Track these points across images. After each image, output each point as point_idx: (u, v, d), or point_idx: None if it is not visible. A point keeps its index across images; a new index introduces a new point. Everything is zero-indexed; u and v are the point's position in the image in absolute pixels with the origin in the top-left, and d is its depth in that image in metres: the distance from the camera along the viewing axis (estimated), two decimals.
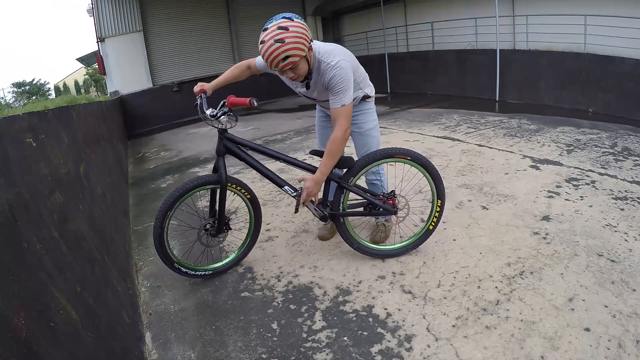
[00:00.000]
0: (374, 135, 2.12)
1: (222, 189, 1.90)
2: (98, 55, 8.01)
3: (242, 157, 1.92)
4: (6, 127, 1.14)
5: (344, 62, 1.70)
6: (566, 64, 5.86)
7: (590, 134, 4.17)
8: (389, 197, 2.01)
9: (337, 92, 1.71)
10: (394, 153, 1.92)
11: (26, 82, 28.05)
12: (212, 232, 1.99)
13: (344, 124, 1.74)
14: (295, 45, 1.55)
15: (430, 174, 1.98)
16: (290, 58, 1.57)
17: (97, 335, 1.16)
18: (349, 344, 1.55)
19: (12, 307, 0.77)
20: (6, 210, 0.92)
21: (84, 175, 1.97)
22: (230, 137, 1.90)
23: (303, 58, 1.62)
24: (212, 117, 1.82)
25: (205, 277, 2.07)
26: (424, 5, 8.49)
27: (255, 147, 1.92)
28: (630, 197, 2.59)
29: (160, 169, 4.56)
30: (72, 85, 26.68)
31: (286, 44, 1.53)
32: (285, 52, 1.54)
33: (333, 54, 1.73)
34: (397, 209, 2.03)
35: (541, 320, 1.57)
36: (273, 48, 1.54)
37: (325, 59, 1.71)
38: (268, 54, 1.56)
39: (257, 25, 10.61)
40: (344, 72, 1.69)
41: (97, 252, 1.57)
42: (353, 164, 1.91)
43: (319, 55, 1.72)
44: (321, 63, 1.72)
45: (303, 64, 1.64)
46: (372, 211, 2.03)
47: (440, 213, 2.06)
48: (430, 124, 5.22)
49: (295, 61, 1.59)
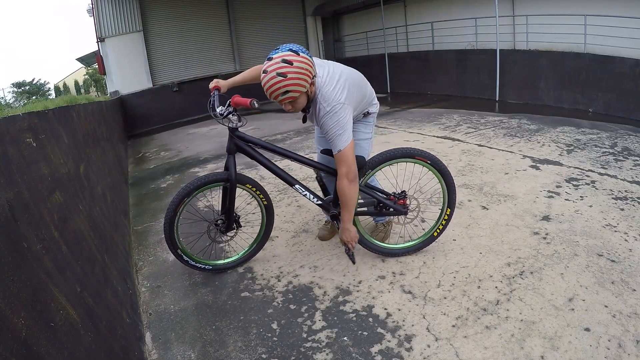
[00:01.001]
0: (365, 147, 2.04)
1: (231, 187, 1.92)
2: (98, 55, 8.00)
3: (252, 155, 1.93)
4: (6, 127, 1.14)
5: (338, 107, 1.65)
6: (566, 64, 5.86)
7: (590, 134, 4.17)
8: (399, 198, 2.01)
9: (332, 138, 1.68)
10: (414, 154, 1.90)
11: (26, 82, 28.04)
12: (222, 228, 2.02)
13: (342, 168, 1.70)
14: (297, 82, 1.53)
15: (446, 181, 1.97)
16: (290, 93, 1.55)
17: (97, 335, 1.16)
18: (349, 344, 1.55)
19: (12, 307, 0.77)
20: (6, 210, 0.92)
21: (84, 175, 1.97)
22: (240, 135, 1.91)
23: (303, 94, 1.60)
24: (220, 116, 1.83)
25: (204, 271, 2.08)
26: (424, 5, 8.49)
27: (265, 145, 1.91)
28: (630, 197, 2.59)
29: (160, 169, 4.56)
30: (72, 85, 26.68)
31: (288, 79, 1.51)
32: (286, 87, 1.53)
33: (331, 95, 1.66)
34: (407, 209, 2.02)
35: (541, 320, 1.57)
36: (274, 81, 1.52)
37: (322, 102, 1.66)
38: (269, 86, 1.54)
39: (257, 25, 10.57)
40: (336, 116, 1.64)
41: (97, 252, 1.57)
42: (364, 164, 1.90)
43: (319, 93, 1.68)
44: (319, 104, 1.68)
45: (302, 98, 1.62)
46: (383, 211, 2.03)
47: (447, 222, 2.06)
48: (430, 124, 5.22)
49: (295, 97, 1.57)
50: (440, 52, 7.99)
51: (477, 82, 7.27)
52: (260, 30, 9.59)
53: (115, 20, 7.70)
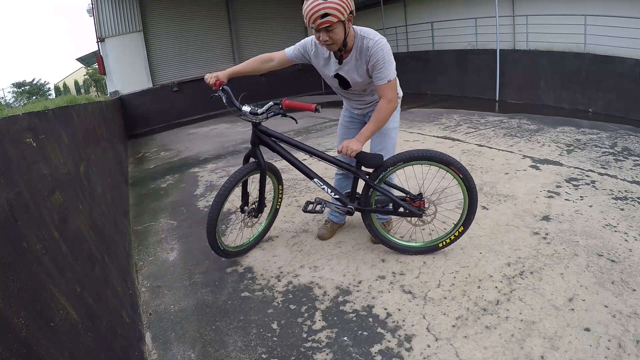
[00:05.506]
0: (392, 136, 2.08)
1: (262, 174, 2.11)
2: (98, 55, 8.00)
3: (274, 148, 2.02)
4: (6, 127, 1.14)
5: (384, 41, 1.78)
6: (566, 64, 5.86)
7: (590, 134, 4.17)
8: (415, 199, 2.00)
9: (381, 68, 1.76)
10: (450, 163, 1.86)
11: (26, 82, 28.09)
12: (254, 214, 2.22)
13: (389, 94, 1.79)
14: (336, 7, 1.61)
15: (470, 200, 1.94)
16: (328, 17, 1.61)
17: (97, 335, 1.16)
18: (349, 344, 1.55)
19: (12, 307, 0.77)
20: (6, 210, 0.92)
21: (84, 175, 1.97)
22: (263, 129, 2.01)
23: (340, 23, 1.66)
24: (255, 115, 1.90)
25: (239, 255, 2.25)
26: (424, 5, 8.49)
27: (287, 139, 2.01)
28: (630, 197, 2.59)
29: (160, 169, 4.56)
30: (72, 85, 26.71)
31: (328, 2, 1.60)
32: (325, 9, 1.60)
33: (375, 33, 1.81)
34: (422, 212, 2.01)
35: (541, 320, 1.57)
36: (315, 3, 1.60)
37: (368, 36, 1.78)
38: (309, 9, 1.61)
39: (257, 25, 10.55)
40: (386, 47, 1.76)
41: (97, 252, 1.57)
42: (381, 162, 1.90)
43: (361, 32, 1.79)
44: (364, 39, 1.77)
45: (340, 29, 1.67)
46: (398, 210, 2.03)
47: (456, 238, 2.04)
48: (430, 124, 5.22)
49: (333, 22, 1.62)
50: (440, 52, 7.99)
51: (477, 82, 7.27)
52: (260, 30, 9.58)
53: (115, 20, 7.69)
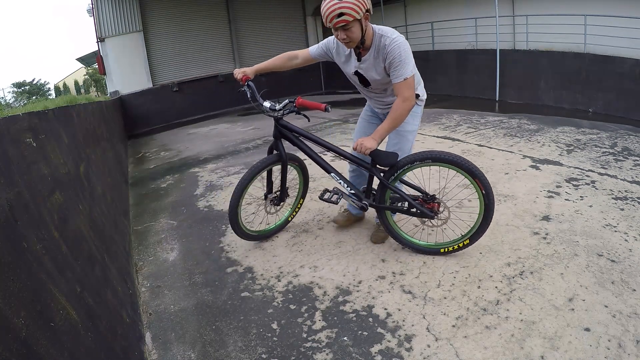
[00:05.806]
0: (409, 139, 2.08)
1: (283, 165, 2.22)
2: (98, 55, 7.99)
3: (294, 142, 2.13)
4: (6, 127, 1.14)
5: (402, 38, 1.80)
6: (566, 64, 5.86)
7: (590, 134, 4.17)
8: (427, 201, 2.00)
9: (397, 65, 1.78)
10: (476, 175, 1.85)
11: (26, 82, 28.08)
12: (275, 201, 2.36)
13: (405, 92, 1.80)
14: (352, 7, 1.64)
15: (485, 216, 1.92)
16: (344, 16, 1.65)
17: (97, 335, 1.16)
18: (349, 344, 1.55)
19: (12, 307, 0.77)
20: (6, 210, 0.92)
21: (84, 175, 1.97)
22: (284, 124, 2.12)
23: (357, 21, 1.69)
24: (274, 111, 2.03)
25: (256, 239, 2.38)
26: (424, 5, 8.49)
27: (307, 135, 2.11)
28: (630, 197, 2.59)
29: (160, 169, 4.56)
30: (72, 85, 26.70)
31: (344, 1, 1.64)
32: (340, 8, 1.64)
33: (394, 31, 1.83)
34: (435, 213, 2.01)
35: (541, 320, 1.57)
36: (332, 3, 1.65)
37: (386, 34, 1.80)
38: (327, 8, 1.67)
39: (257, 25, 10.54)
40: (404, 45, 1.78)
41: (97, 252, 1.57)
42: (395, 161, 1.91)
43: (379, 30, 1.82)
44: (382, 37, 1.80)
45: (356, 27, 1.71)
46: (411, 210, 2.04)
47: (459, 249, 2.03)
48: (430, 124, 5.22)
49: (349, 20, 1.66)
50: (440, 52, 7.99)
51: (477, 82, 7.27)
52: (260, 30, 9.58)
53: (115, 20, 7.69)
